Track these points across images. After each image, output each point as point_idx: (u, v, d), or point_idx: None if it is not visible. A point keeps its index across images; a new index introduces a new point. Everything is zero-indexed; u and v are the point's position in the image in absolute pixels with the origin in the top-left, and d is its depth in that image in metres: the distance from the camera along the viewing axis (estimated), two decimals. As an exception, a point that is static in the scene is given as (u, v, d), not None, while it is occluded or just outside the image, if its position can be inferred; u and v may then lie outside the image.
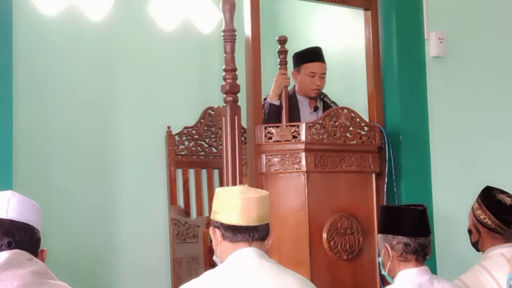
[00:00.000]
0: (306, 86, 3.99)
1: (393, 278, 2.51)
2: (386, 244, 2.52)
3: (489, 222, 2.85)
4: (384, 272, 2.55)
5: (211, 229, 2.18)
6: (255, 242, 2.12)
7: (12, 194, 1.86)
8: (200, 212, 4.81)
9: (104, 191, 4.57)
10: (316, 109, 3.99)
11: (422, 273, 2.44)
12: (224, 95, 3.42)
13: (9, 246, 1.80)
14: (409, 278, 2.43)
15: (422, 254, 2.46)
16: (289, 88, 3.99)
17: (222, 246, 2.14)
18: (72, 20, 4.24)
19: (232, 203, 2.13)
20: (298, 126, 3.53)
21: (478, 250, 2.96)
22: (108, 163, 4.61)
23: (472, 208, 2.94)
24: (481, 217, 2.88)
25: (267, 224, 2.16)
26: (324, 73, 4.00)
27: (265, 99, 3.85)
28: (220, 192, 2.21)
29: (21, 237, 1.82)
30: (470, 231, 2.96)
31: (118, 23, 4.48)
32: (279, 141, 3.50)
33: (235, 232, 2.11)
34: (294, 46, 4.13)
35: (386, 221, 2.62)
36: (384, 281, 3.38)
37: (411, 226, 2.49)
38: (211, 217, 2.20)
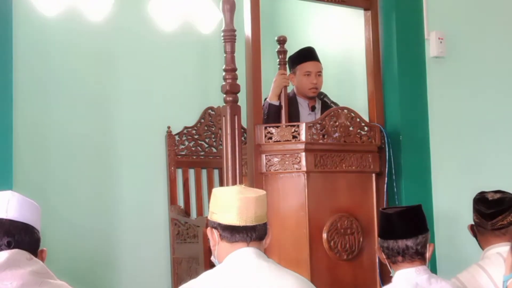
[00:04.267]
0: (304, 86, 3.98)
1: None
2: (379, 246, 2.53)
3: (474, 217, 2.89)
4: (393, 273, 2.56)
5: (208, 229, 2.17)
6: (253, 242, 2.12)
7: (12, 194, 1.86)
8: (200, 212, 4.81)
9: (104, 191, 4.57)
10: (313, 109, 3.99)
11: (420, 272, 2.43)
12: (224, 95, 3.42)
13: (9, 246, 1.79)
14: (405, 278, 2.42)
15: (409, 255, 2.44)
16: (289, 90, 3.99)
17: (220, 246, 2.14)
18: (72, 20, 4.25)
19: (229, 203, 2.12)
20: (298, 126, 3.53)
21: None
22: (108, 163, 4.61)
23: None
24: (472, 214, 2.91)
25: (265, 224, 2.16)
26: (320, 72, 3.98)
27: (265, 99, 3.85)
28: (217, 193, 2.20)
29: (20, 237, 1.82)
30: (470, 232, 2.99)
31: (118, 23, 4.48)
32: (279, 141, 3.50)
33: (233, 232, 2.11)
34: (294, 46, 4.12)
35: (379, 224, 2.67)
36: (384, 281, 3.39)
37: (389, 229, 2.50)
38: (208, 217, 2.19)
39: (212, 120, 5.03)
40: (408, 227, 2.46)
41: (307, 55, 4.00)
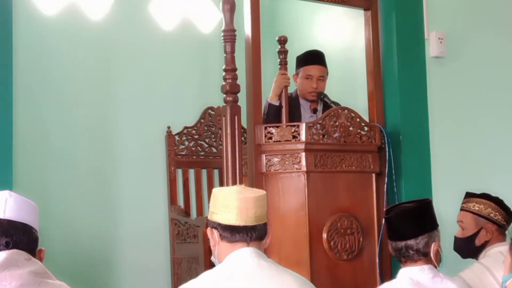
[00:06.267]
0: (304, 89, 3.98)
1: None
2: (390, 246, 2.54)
3: (500, 218, 2.90)
4: None
5: (208, 229, 2.18)
6: (253, 242, 2.12)
7: (10, 194, 1.86)
8: (200, 212, 4.81)
9: (104, 191, 4.57)
10: (315, 111, 3.98)
11: (424, 271, 2.42)
12: (224, 95, 3.42)
13: (7, 246, 1.79)
14: (407, 276, 2.42)
15: (410, 256, 2.44)
16: (291, 90, 3.99)
17: (220, 246, 2.14)
18: (72, 19, 4.25)
19: (229, 203, 2.12)
20: (298, 126, 3.53)
21: (476, 254, 2.98)
22: (108, 163, 4.61)
23: (474, 211, 2.99)
24: (492, 215, 2.93)
25: (265, 224, 2.16)
26: (323, 76, 3.97)
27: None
28: (217, 192, 2.20)
29: (19, 237, 1.82)
30: (475, 235, 2.98)
31: (118, 22, 4.49)
32: (279, 141, 3.50)
33: (233, 232, 2.11)
34: (294, 46, 4.12)
35: None
36: (384, 281, 3.39)
37: (390, 231, 2.52)
38: (208, 217, 2.19)
39: (212, 120, 5.03)
40: (407, 228, 2.46)
41: (311, 58, 3.99)
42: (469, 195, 3.07)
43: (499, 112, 4.27)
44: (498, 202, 2.99)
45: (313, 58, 4.00)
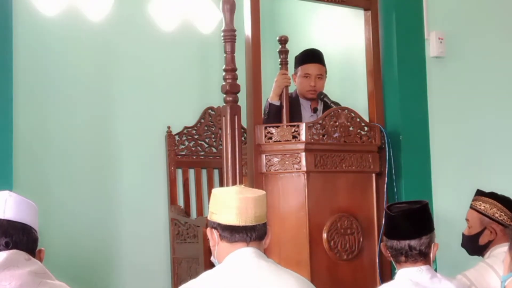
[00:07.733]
0: (302, 87, 3.99)
1: None
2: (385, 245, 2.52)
3: (506, 218, 2.90)
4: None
5: (208, 229, 2.18)
6: (253, 242, 2.12)
7: (9, 194, 1.86)
8: (200, 212, 4.81)
9: (104, 191, 4.57)
10: (315, 110, 3.98)
11: (422, 272, 2.42)
12: (224, 95, 3.42)
13: (7, 247, 1.79)
14: (406, 277, 2.42)
15: (412, 256, 2.43)
16: (291, 90, 3.99)
17: (220, 246, 2.14)
18: (72, 20, 4.25)
19: (229, 203, 2.12)
20: (298, 126, 3.53)
21: (481, 252, 2.98)
22: (108, 163, 4.61)
23: (479, 210, 2.99)
24: (497, 215, 2.92)
25: (265, 224, 2.16)
26: (321, 75, 3.97)
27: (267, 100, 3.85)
28: (217, 193, 2.20)
29: (18, 237, 1.82)
30: (479, 233, 2.97)
31: (118, 23, 4.49)
32: (279, 141, 3.50)
33: (233, 232, 2.11)
34: (294, 46, 4.12)
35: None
36: (384, 281, 3.39)
37: (393, 229, 2.49)
38: (208, 217, 2.19)
39: (212, 120, 5.03)
40: (412, 228, 2.44)
41: (309, 57, 3.99)
42: (479, 193, 3.06)
43: (499, 112, 4.27)
44: (505, 202, 2.96)
45: (311, 56, 4.00)
